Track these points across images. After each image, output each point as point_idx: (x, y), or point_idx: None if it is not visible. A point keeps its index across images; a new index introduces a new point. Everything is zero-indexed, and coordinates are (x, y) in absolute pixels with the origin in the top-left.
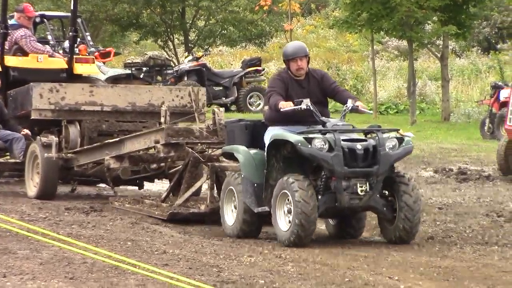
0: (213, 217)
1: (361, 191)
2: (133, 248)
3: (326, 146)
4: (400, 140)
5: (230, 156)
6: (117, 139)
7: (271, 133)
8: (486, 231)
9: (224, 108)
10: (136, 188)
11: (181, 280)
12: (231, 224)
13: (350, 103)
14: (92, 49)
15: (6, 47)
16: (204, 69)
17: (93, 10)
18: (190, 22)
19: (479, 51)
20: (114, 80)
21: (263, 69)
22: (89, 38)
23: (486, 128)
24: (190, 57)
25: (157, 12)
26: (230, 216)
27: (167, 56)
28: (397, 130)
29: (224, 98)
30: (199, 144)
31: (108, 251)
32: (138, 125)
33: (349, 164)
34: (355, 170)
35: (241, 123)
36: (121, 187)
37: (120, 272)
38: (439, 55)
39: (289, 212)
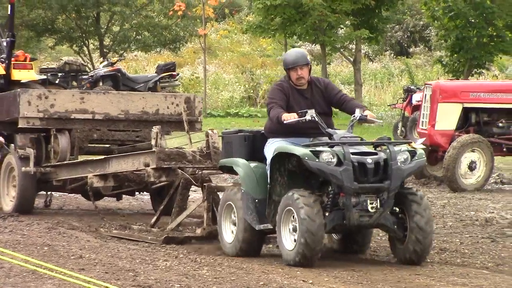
0: (210, 241)
1: (372, 208)
2: (50, 253)
3: (335, 160)
4: (412, 153)
5: (229, 170)
6: (102, 157)
7: (274, 145)
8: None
9: None
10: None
11: (98, 284)
12: (230, 241)
13: (358, 113)
14: None
15: None
16: (119, 74)
17: None
18: (105, 27)
19: (392, 55)
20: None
21: (178, 74)
22: (5, 44)
23: (399, 131)
24: (105, 62)
25: (72, 17)
26: (228, 233)
27: (82, 62)
28: (408, 143)
29: None
30: (191, 167)
31: (25, 255)
32: (131, 134)
33: (359, 179)
34: (365, 186)
35: (240, 134)
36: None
37: (37, 277)
38: (352, 59)
39: (295, 230)
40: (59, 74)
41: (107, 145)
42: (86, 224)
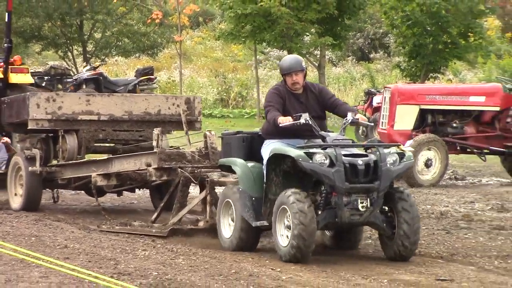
0: (212, 233)
1: (362, 207)
2: (37, 243)
3: (327, 161)
4: (401, 155)
5: (227, 169)
6: (105, 157)
7: (270, 147)
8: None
9: None
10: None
11: (82, 272)
12: (228, 237)
13: (350, 116)
14: None
15: None
16: (101, 77)
17: None
18: (88, 34)
19: (354, 60)
20: None
21: (155, 78)
22: None
23: (360, 131)
24: (88, 67)
25: (57, 25)
26: (227, 228)
27: (67, 66)
28: (397, 145)
29: None
30: (190, 167)
31: (14, 245)
32: (135, 134)
33: (350, 180)
34: (356, 186)
35: (238, 135)
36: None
37: (25, 265)
38: (316, 64)
39: (289, 227)
40: (46, 77)
41: (112, 144)
42: (70, 216)
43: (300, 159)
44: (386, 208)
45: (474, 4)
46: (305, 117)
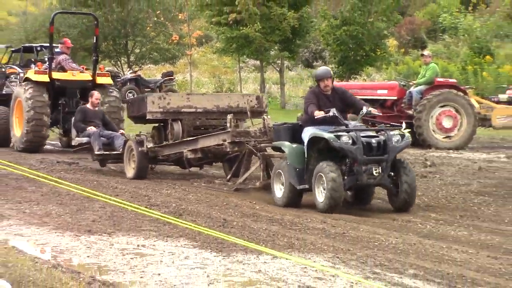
0: (265, 190)
1: (376, 173)
2: (97, 185)
3: (350, 141)
4: (402, 136)
5: (278, 149)
6: (193, 137)
7: (309, 131)
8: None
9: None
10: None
11: (126, 204)
12: (280, 196)
13: (365, 109)
14: None
15: (53, 66)
16: (139, 78)
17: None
18: (130, 50)
19: (302, 67)
20: None
21: (174, 78)
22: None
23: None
24: (130, 71)
25: (110, 44)
26: (278, 190)
27: (116, 70)
28: (399, 129)
29: None
30: (253, 141)
31: (82, 187)
32: (222, 121)
33: (367, 154)
34: (371, 158)
35: (285, 125)
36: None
37: (89, 200)
38: (278, 69)
39: (324, 189)
40: None
41: (206, 129)
42: (119, 169)
43: (332, 140)
44: (392, 173)
45: (380, 30)
46: (333, 111)
